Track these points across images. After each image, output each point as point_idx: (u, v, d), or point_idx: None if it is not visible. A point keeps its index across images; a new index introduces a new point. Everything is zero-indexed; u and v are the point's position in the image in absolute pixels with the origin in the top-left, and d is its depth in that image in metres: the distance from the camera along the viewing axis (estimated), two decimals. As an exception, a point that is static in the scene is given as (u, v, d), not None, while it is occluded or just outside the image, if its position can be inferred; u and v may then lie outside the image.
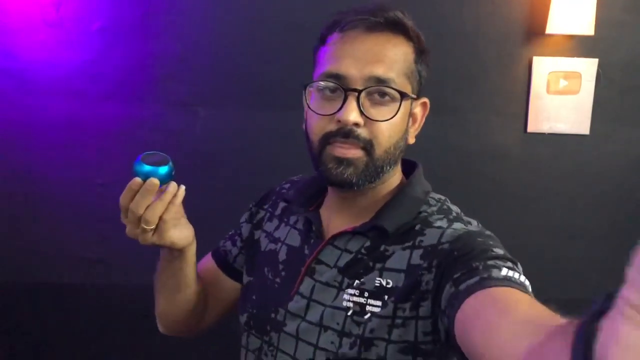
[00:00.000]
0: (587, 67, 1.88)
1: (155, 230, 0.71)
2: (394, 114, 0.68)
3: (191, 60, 1.86)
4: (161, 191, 0.70)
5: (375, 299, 0.68)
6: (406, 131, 0.73)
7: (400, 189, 0.76)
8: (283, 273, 0.78)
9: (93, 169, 1.90)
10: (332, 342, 0.69)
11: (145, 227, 0.69)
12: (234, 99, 1.87)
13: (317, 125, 0.69)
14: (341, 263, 0.72)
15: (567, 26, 1.78)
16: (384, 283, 0.68)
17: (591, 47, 1.87)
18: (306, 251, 0.76)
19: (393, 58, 0.68)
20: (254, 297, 0.80)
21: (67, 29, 1.82)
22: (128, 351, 2.02)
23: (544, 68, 1.88)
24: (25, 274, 1.96)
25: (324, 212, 0.78)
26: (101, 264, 1.95)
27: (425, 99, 0.76)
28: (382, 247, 0.71)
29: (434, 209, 0.73)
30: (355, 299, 0.69)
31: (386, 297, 0.67)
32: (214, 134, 1.88)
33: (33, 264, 1.95)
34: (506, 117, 1.92)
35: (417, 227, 0.71)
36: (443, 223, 0.71)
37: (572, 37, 1.86)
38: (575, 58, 1.87)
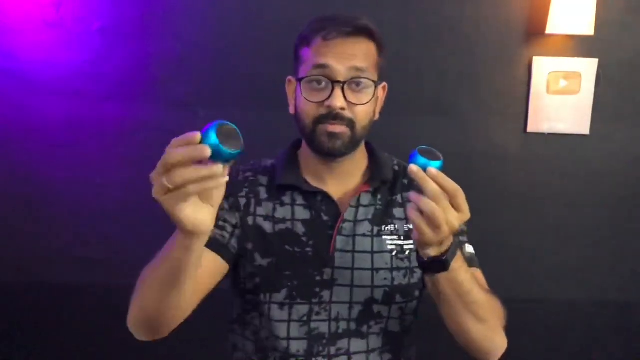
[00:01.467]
0: (587, 67, 1.88)
1: (174, 196, 0.61)
2: (369, 98, 0.89)
3: (191, 60, 1.86)
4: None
5: (407, 239, 0.93)
6: (374, 111, 0.94)
7: (371, 153, 0.99)
8: (311, 242, 0.91)
9: (93, 169, 1.90)
10: (385, 279, 0.91)
11: (166, 183, 0.58)
12: (234, 99, 1.87)
13: (310, 110, 0.88)
14: (367, 216, 0.92)
15: (567, 26, 1.78)
16: (411, 226, 0.85)
17: (591, 47, 1.87)
18: (325, 218, 0.92)
19: (364, 53, 0.89)
20: (287, 273, 0.90)
21: (67, 29, 1.82)
22: (128, 351, 2.02)
23: (544, 68, 1.87)
24: (25, 274, 1.96)
25: (314, 182, 0.94)
26: (101, 264, 1.94)
27: (385, 83, 0.96)
28: (394, 197, 0.95)
29: (402, 167, 0.98)
30: (395, 242, 0.92)
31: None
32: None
33: (33, 264, 1.95)
34: (506, 117, 1.92)
35: (405, 180, 0.97)
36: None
37: (572, 37, 1.86)
38: (575, 58, 1.87)
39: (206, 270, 0.84)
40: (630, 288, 2.02)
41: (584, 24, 1.78)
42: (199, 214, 0.64)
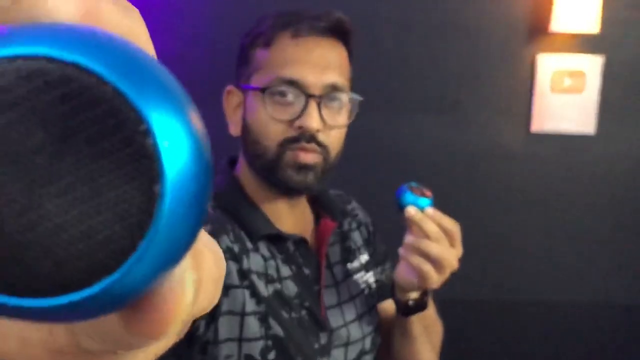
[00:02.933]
0: (592, 65, 1.85)
1: None
2: (346, 119, 0.72)
3: (191, 60, 1.85)
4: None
5: (367, 271, 0.83)
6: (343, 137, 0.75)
7: None
8: (305, 303, 0.73)
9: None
10: (369, 324, 0.79)
11: None
12: (234, 99, 1.86)
13: (274, 131, 0.68)
14: (336, 258, 0.80)
15: (571, 24, 1.76)
16: (366, 258, 0.83)
17: (596, 45, 1.85)
18: (306, 271, 0.74)
19: (341, 64, 0.71)
20: (291, 344, 0.71)
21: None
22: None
23: (548, 66, 1.85)
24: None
25: (277, 224, 0.74)
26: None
27: (360, 99, 0.75)
28: (343, 229, 0.83)
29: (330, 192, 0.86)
30: (363, 278, 0.81)
31: (370, 267, 0.84)
32: (213, 134, 1.86)
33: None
34: (510, 117, 1.90)
35: (350, 206, 0.88)
36: (354, 203, 0.90)
37: (576, 35, 1.83)
38: (580, 56, 1.85)
39: None
40: (635, 290, 2.00)
41: (589, 22, 1.76)
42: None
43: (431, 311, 0.77)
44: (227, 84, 0.83)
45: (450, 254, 0.67)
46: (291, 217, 0.76)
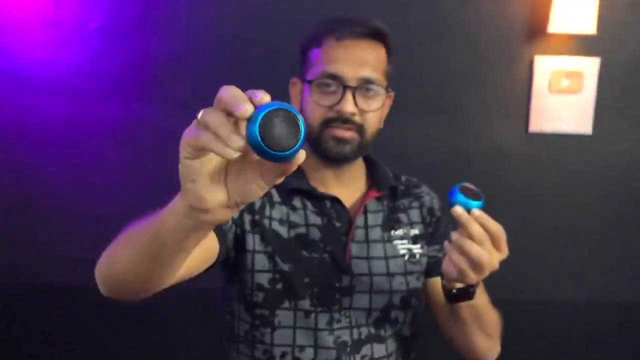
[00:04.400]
0: (590, 66, 1.87)
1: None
2: (379, 105, 0.89)
3: (191, 60, 1.85)
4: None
5: (415, 243, 0.96)
6: (381, 118, 0.94)
7: (368, 159, 1.01)
8: (328, 248, 0.90)
9: (92, 169, 1.89)
10: (401, 283, 0.92)
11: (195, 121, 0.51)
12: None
13: (318, 113, 0.88)
14: (377, 222, 0.94)
15: (569, 25, 1.77)
16: (416, 232, 0.96)
17: (593, 46, 1.86)
18: (337, 224, 0.91)
19: (376, 58, 0.88)
20: (306, 280, 0.88)
21: (65, 28, 1.81)
22: (128, 351, 2.01)
23: (546, 67, 1.87)
24: (23, 274, 1.95)
25: (320, 187, 0.93)
26: (100, 264, 1.94)
27: (392, 93, 0.96)
28: (397, 203, 0.97)
29: (394, 173, 1.02)
30: (406, 246, 0.94)
31: (420, 240, 0.96)
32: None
33: (32, 264, 1.94)
34: (508, 117, 1.91)
35: (402, 187, 1.00)
36: (424, 188, 1.04)
37: (574, 36, 1.85)
38: (578, 57, 1.86)
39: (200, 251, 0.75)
40: (633, 289, 2.01)
41: (586, 23, 1.77)
42: (207, 190, 0.50)
43: (481, 301, 0.84)
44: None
45: (491, 256, 0.73)
46: (336, 183, 0.94)
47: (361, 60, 0.86)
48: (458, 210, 0.72)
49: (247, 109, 0.44)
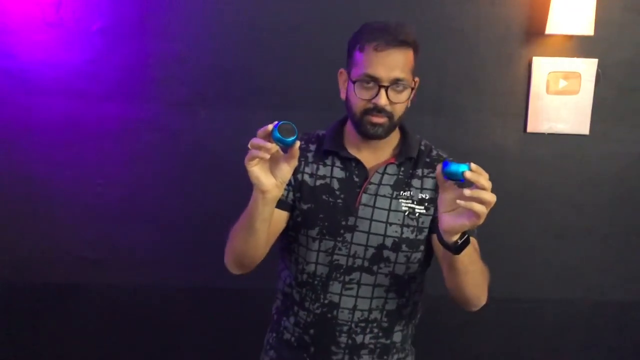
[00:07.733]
0: (587, 67, 1.88)
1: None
2: (406, 98, 1.15)
3: (191, 60, 1.86)
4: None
5: (420, 205, 1.17)
6: (407, 105, 1.19)
7: (403, 132, 1.23)
8: (342, 195, 1.17)
9: (93, 169, 1.90)
10: (395, 231, 1.16)
11: (249, 146, 0.95)
12: (234, 99, 1.88)
13: (359, 104, 1.13)
14: (389, 182, 1.17)
15: (566, 26, 1.78)
16: (424, 196, 1.17)
17: (591, 47, 1.87)
18: (356, 179, 1.18)
19: (405, 62, 1.13)
20: (321, 215, 1.17)
21: (67, 29, 1.82)
22: (128, 350, 2.02)
23: (544, 68, 1.88)
24: (24, 273, 1.96)
25: (352, 151, 1.20)
26: (100, 264, 1.95)
27: (417, 79, 1.18)
28: (416, 171, 1.19)
29: (427, 147, 1.24)
30: (409, 205, 1.17)
31: (426, 204, 1.17)
32: (214, 134, 1.88)
33: (32, 264, 1.95)
34: (506, 118, 1.92)
35: (428, 159, 1.21)
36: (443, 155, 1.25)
37: (571, 37, 1.86)
38: (575, 58, 1.87)
39: (273, 222, 1.12)
40: (630, 288, 2.02)
41: (584, 24, 1.78)
42: (264, 179, 0.98)
43: (472, 250, 1.03)
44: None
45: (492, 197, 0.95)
46: (367, 151, 1.20)
47: (393, 64, 1.10)
48: (474, 166, 0.91)
49: (270, 126, 0.93)
